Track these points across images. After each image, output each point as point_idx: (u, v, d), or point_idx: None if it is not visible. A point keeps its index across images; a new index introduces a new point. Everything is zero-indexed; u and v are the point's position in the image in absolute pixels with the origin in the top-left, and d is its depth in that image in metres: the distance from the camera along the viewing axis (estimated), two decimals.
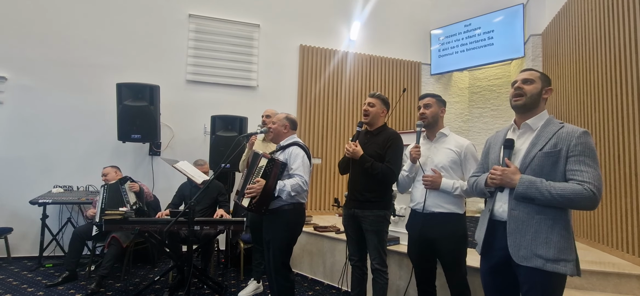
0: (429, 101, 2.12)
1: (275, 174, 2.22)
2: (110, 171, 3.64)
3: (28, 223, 4.05)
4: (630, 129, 2.73)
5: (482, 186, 1.62)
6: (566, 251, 1.41)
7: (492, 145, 1.70)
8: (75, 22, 4.37)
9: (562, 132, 1.45)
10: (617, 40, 2.94)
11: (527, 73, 1.58)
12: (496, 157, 1.60)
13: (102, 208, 3.20)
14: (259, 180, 2.20)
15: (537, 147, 1.47)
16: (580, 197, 1.35)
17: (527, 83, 1.55)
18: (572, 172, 1.40)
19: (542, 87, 1.55)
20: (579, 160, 1.39)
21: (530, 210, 1.44)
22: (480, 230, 1.64)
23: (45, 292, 3.04)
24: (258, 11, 5.04)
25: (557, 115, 4.01)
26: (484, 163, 1.75)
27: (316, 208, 5.11)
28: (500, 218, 1.54)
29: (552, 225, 1.42)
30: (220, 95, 4.82)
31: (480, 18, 5.22)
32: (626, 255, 2.72)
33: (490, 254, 1.58)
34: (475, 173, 1.77)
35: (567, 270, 1.40)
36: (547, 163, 1.44)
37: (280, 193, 2.22)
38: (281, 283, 2.33)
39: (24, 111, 4.18)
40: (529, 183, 1.41)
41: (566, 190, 1.36)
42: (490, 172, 1.53)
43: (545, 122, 1.52)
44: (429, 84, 5.65)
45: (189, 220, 2.53)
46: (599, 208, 3.13)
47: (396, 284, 2.82)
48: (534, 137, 1.51)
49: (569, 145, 1.41)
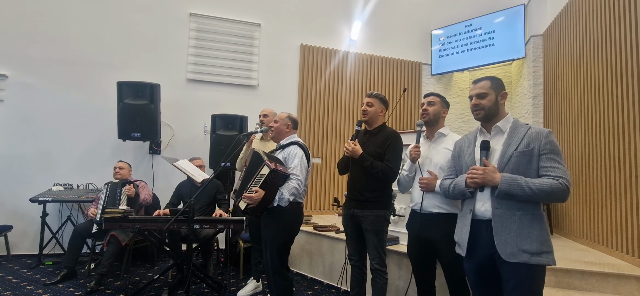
0: (434, 99, 2.15)
1: (276, 185, 2.20)
2: (125, 166, 3.66)
3: (28, 221, 4.06)
4: (630, 130, 2.73)
5: (461, 187, 1.67)
6: (546, 243, 1.51)
7: (463, 148, 1.78)
8: (76, 20, 4.38)
9: (531, 132, 1.57)
10: (617, 41, 2.94)
11: (478, 87, 1.69)
12: (471, 159, 1.69)
13: (104, 206, 3.21)
14: (258, 190, 2.14)
15: (512, 147, 1.57)
16: (556, 190, 1.46)
17: (482, 98, 1.67)
18: (546, 168, 1.51)
19: (496, 94, 1.67)
20: (550, 158, 1.52)
21: (511, 207, 1.52)
22: (462, 231, 1.68)
23: (44, 290, 3.04)
24: (259, 10, 5.04)
25: (558, 116, 4.00)
26: (456, 165, 1.81)
27: (316, 208, 5.11)
28: (483, 217, 1.60)
29: (531, 220, 1.51)
30: (220, 94, 4.82)
31: (481, 18, 5.22)
32: (625, 256, 2.72)
33: (474, 253, 1.63)
34: (448, 176, 1.84)
35: (549, 261, 1.49)
36: (523, 162, 1.54)
37: (279, 202, 2.23)
38: (279, 282, 2.33)
39: (24, 109, 4.18)
40: (510, 180, 1.50)
41: (544, 185, 1.47)
42: (470, 172, 1.60)
43: (513, 124, 1.64)
44: (429, 84, 5.65)
45: (189, 218, 2.53)
46: (598, 209, 3.13)
47: (395, 284, 2.82)
48: (507, 137, 1.61)
49: (540, 144, 1.53)
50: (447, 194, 1.81)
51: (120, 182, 3.42)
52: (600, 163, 3.10)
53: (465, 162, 1.71)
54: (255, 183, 2.19)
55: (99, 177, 4.24)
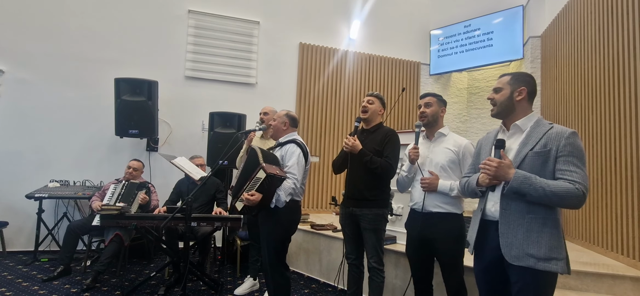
0: (430, 100, 2.13)
1: (273, 189, 2.18)
2: (139, 167, 3.69)
3: (24, 218, 4.03)
4: (626, 131, 2.74)
5: (473, 185, 1.63)
6: (557, 250, 1.42)
7: (483, 146, 1.72)
8: (74, 15, 4.35)
9: (551, 132, 1.47)
10: (615, 43, 2.95)
11: (498, 81, 1.64)
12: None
13: (117, 201, 3.23)
14: (255, 194, 2.13)
15: (528, 147, 1.49)
16: (571, 195, 1.37)
17: (496, 93, 1.62)
18: (562, 171, 1.42)
19: (511, 91, 1.58)
20: (568, 161, 1.41)
21: (521, 209, 1.46)
22: (472, 230, 1.65)
23: (40, 286, 3.03)
24: (258, 8, 5.03)
25: (555, 116, 4.03)
26: (475, 164, 1.76)
27: (313, 207, 5.11)
28: (492, 218, 1.55)
29: (542, 224, 1.43)
30: (219, 91, 4.81)
31: (480, 19, 5.23)
32: (620, 257, 2.74)
33: (482, 253, 1.59)
34: (467, 174, 1.78)
35: (558, 268, 1.41)
36: (537, 163, 1.45)
37: (276, 204, 2.21)
38: (277, 280, 2.33)
39: (20, 105, 4.15)
40: (523, 178, 1.41)
41: (559, 188, 1.38)
42: (484, 163, 1.50)
43: (535, 123, 1.54)
44: (428, 84, 5.66)
45: (186, 216, 2.53)
46: (594, 209, 3.15)
47: (392, 283, 2.83)
48: (525, 137, 1.53)
49: (559, 145, 1.43)
50: (463, 192, 1.77)
51: (138, 184, 3.43)
52: (597, 164, 3.12)
53: (483, 160, 1.63)
54: (252, 186, 2.17)
55: (96, 173, 4.23)
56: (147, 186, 3.49)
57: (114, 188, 3.46)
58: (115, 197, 3.34)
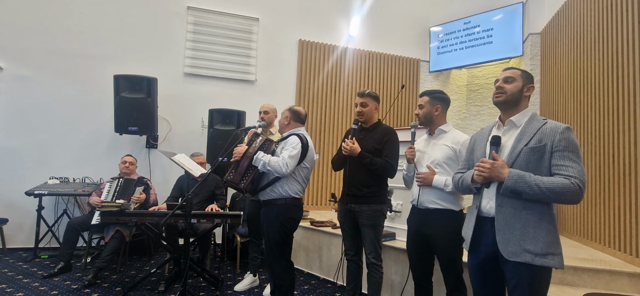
0: (421, 101, 2.16)
1: (256, 146, 2.33)
2: (134, 161, 3.70)
3: (23, 214, 4.04)
4: (625, 128, 2.75)
5: (468, 182, 1.62)
6: (553, 245, 1.43)
7: (477, 142, 1.71)
8: (73, 12, 4.33)
9: (545, 127, 1.48)
10: (614, 40, 2.96)
11: (509, 71, 1.62)
12: (482, 154, 1.62)
13: (114, 198, 3.24)
14: (242, 145, 2.37)
15: (523, 143, 1.49)
16: (567, 191, 1.37)
17: (508, 82, 1.59)
18: (558, 166, 1.42)
19: (523, 85, 1.57)
20: (564, 155, 1.42)
21: (517, 206, 1.46)
22: (467, 227, 1.65)
23: (41, 283, 3.04)
24: (257, 5, 5.01)
25: (554, 113, 4.03)
26: (469, 159, 1.76)
27: (313, 204, 5.12)
28: (488, 214, 1.55)
29: (538, 221, 1.44)
30: (218, 88, 4.80)
31: (479, 16, 5.22)
32: (618, 253, 2.76)
33: (478, 250, 1.59)
34: (461, 170, 1.78)
35: (554, 264, 1.43)
36: (532, 159, 1.45)
37: (255, 162, 2.27)
38: (280, 276, 2.35)
39: (20, 101, 4.15)
40: (517, 177, 1.42)
41: (554, 184, 1.38)
42: (477, 165, 1.52)
43: (529, 119, 1.55)
44: (427, 81, 5.66)
45: (186, 212, 2.54)
46: (592, 206, 3.17)
47: (391, 279, 2.85)
48: (519, 133, 1.53)
49: (553, 140, 1.44)
50: (457, 188, 1.77)
51: (135, 180, 3.43)
52: (595, 161, 3.14)
53: (477, 156, 1.65)
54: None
55: (95, 170, 4.23)
56: (144, 182, 3.49)
57: (109, 186, 3.45)
58: (112, 194, 3.34)
